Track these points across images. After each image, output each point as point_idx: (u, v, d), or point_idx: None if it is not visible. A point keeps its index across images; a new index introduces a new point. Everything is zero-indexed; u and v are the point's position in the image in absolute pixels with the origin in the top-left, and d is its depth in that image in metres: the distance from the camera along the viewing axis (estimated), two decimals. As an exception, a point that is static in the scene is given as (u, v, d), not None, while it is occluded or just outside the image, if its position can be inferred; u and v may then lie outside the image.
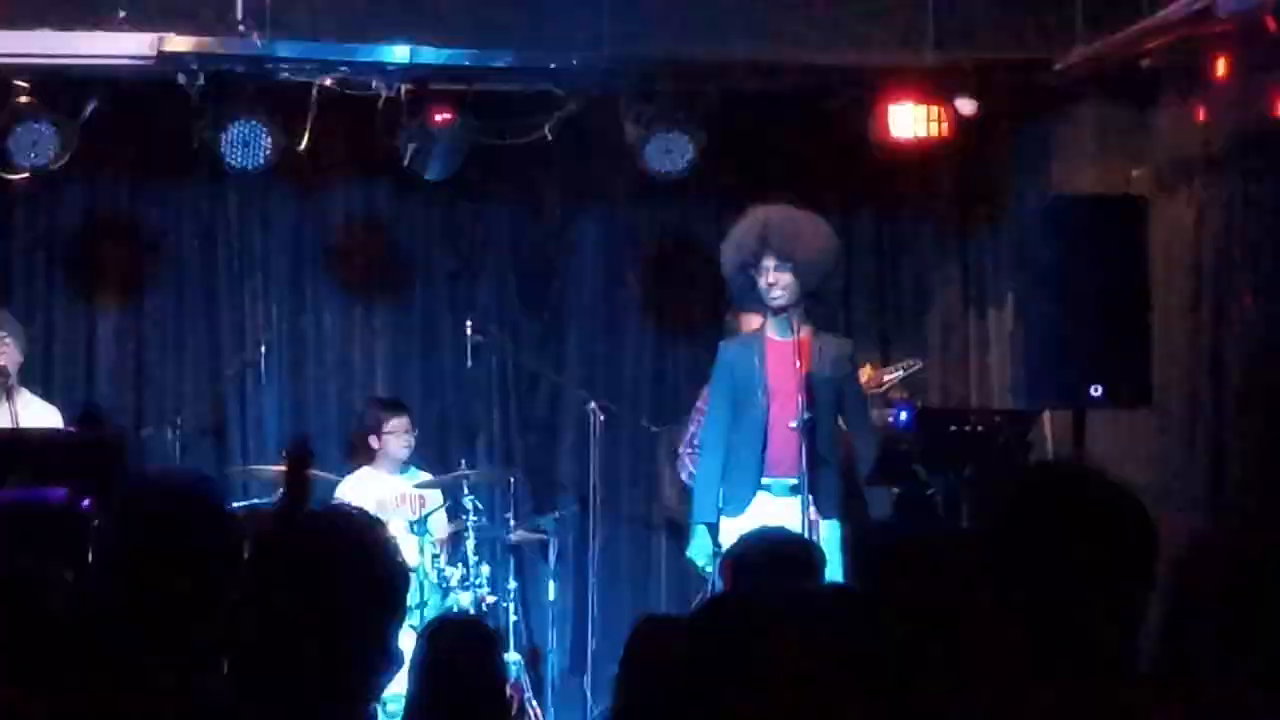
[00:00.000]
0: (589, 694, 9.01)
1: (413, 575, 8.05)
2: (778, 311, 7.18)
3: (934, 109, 8.60)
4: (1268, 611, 2.47)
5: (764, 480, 7.13)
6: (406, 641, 4.83)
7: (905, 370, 8.52)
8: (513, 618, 8.64)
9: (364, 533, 2.71)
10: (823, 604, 1.32)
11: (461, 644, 4.63)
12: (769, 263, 7.13)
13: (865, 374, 8.46)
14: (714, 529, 7.17)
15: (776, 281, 7.13)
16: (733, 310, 8.06)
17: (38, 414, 7.78)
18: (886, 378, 8.35)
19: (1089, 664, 2.43)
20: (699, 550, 7.21)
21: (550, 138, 8.83)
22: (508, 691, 4.91)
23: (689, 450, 8.14)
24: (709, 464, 7.32)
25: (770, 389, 7.17)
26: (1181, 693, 2.44)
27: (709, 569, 7.15)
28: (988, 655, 2.61)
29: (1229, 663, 2.46)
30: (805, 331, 7.18)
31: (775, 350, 7.21)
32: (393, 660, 2.67)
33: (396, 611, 2.72)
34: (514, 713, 5.31)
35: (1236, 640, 2.48)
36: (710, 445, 7.34)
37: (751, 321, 7.67)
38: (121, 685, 2.69)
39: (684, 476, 8.26)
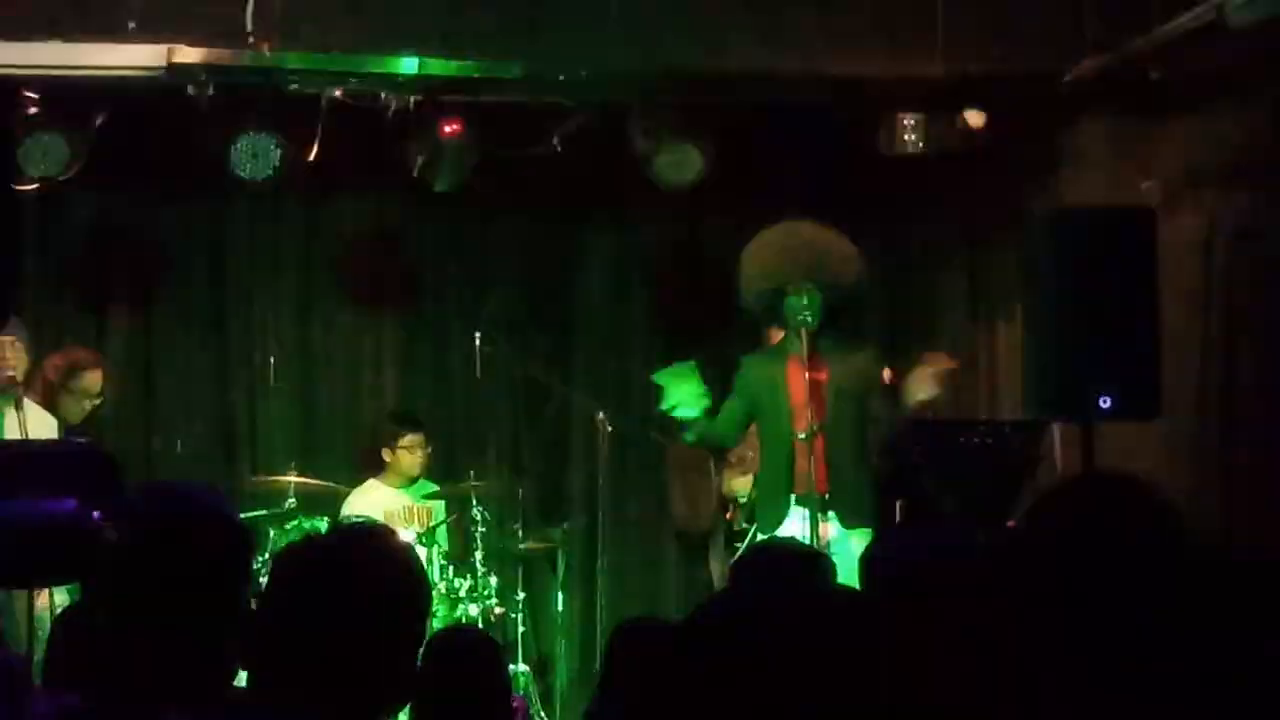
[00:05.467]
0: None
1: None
2: (801, 330, 7.15)
3: (943, 121, 8.60)
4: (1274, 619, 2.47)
5: (797, 496, 7.12)
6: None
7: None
8: (521, 628, 8.63)
9: (395, 555, 2.72)
10: (824, 606, 1.32)
11: (466, 655, 4.63)
12: (801, 286, 7.10)
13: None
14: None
15: (808, 305, 7.10)
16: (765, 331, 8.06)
17: (41, 423, 7.79)
18: None
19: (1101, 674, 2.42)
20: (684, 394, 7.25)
21: (559, 149, 8.84)
22: (512, 704, 4.90)
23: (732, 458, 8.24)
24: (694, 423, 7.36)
25: (794, 406, 7.15)
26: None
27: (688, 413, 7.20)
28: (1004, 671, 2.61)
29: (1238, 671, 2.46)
30: (825, 343, 7.18)
31: (795, 362, 7.20)
32: (412, 682, 2.67)
33: (420, 633, 2.73)
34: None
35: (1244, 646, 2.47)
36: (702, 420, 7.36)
37: (775, 334, 7.66)
38: (133, 697, 2.69)
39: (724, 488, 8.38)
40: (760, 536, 7.14)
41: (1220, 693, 2.44)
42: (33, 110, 8.14)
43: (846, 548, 6.91)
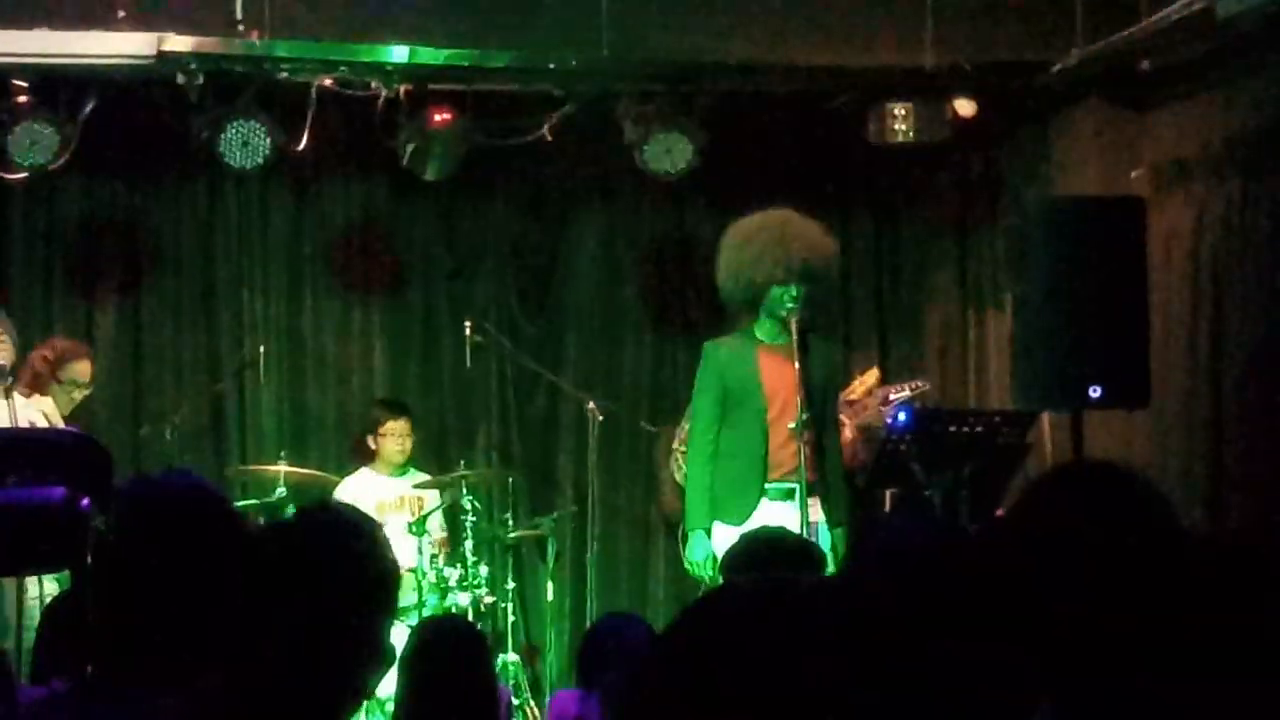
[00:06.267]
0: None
1: (411, 575, 8.05)
2: (784, 319, 7.14)
3: (933, 110, 8.60)
4: (1266, 609, 2.47)
5: (771, 485, 7.09)
6: (400, 639, 4.84)
7: (912, 391, 8.50)
8: (511, 618, 8.64)
9: (355, 530, 2.71)
10: (825, 594, 1.32)
11: (450, 645, 4.63)
12: (792, 279, 7.09)
13: (871, 378, 8.43)
14: (709, 534, 7.13)
15: (796, 296, 7.10)
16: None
17: (32, 414, 7.78)
18: (893, 396, 8.33)
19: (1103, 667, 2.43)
20: (697, 552, 7.15)
21: (549, 138, 8.83)
22: (498, 694, 4.91)
23: (683, 449, 8.11)
24: (699, 468, 7.23)
25: (767, 392, 7.15)
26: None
27: (708, 574, 7.10)
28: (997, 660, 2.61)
29: (1225, 659, 2.46)
30: (798, 330, 7.18)
31: (769, 353, 7.19)
32: (385, 657, 2.67)
33: (388, 608, 2.73)
34: (503, 714, 5.31)
35: (1235, 637, 2.48)
36: (699, 448, 7.24)
37: (745, 319, 7.63)
38: (122, 685, 2.69)
39: (678, 477, 8.23)
40: (731, 529, 7.01)
41: (1210, 678, 2.44)
42: (22, 99, 8.12)
43: (828, 541, 6.94)
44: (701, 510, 7.17)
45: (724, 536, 6.88)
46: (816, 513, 7.09)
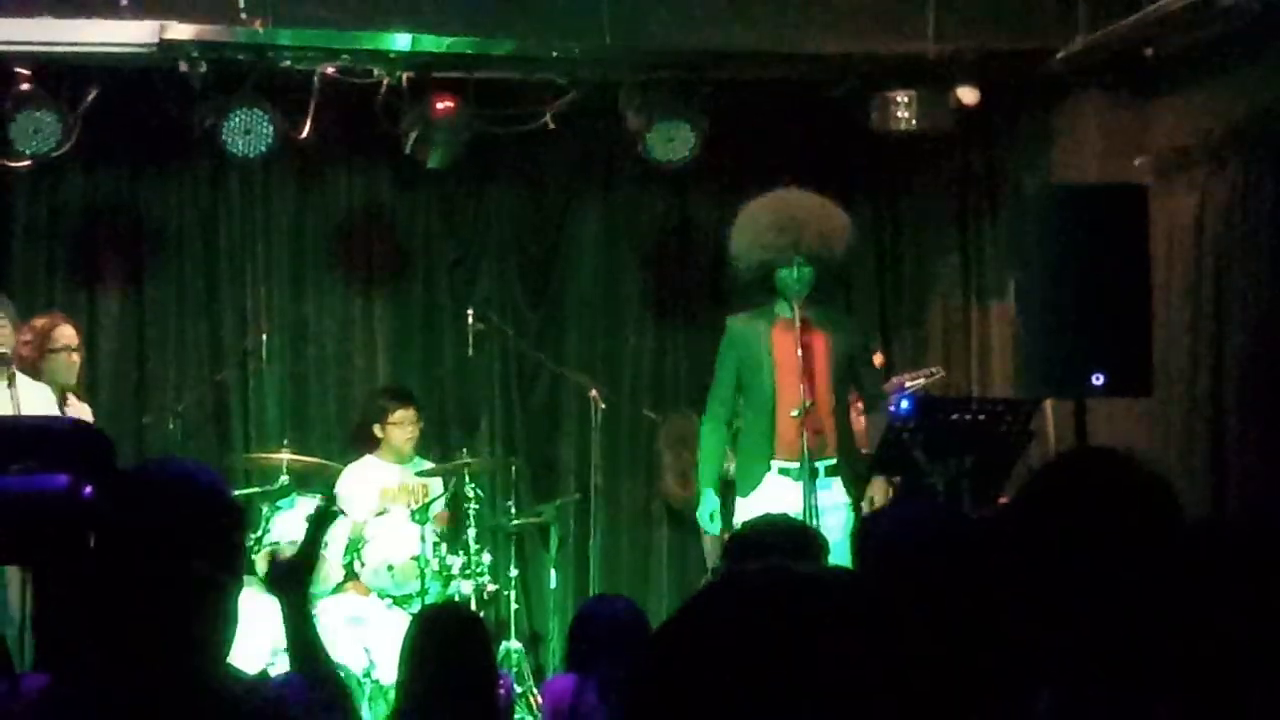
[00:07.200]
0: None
1: (414, 563, 8.05)
2: (794, 301, 7.17)
3: (935, 98, 8.59)
4: (1266, 595, 2.47)
5: (780, 464, 7.13)
6: (403, 626, 4.84)
7: (928, 378, 8.53)
8: (514, 606, 8.64)
9: (178, 479, 2.73)
10: (825, 583, 1.32)
11: (452, 632, 4.64)
12: (797, 259, 7.13)
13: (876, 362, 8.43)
14: (717, 492, 7.27)
15: (799, 277, 7.13)
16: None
17: (34, 397, 7.76)
18: (908, 384, 8.35)
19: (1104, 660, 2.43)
20: (702, 509, 7.29)
21: (551, 126, 8.83)
22: (499, 681, 4.92)
23: None
24: (710, 431, 7.38)
25: (778, 368, 7.18)
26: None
27: (715, 529, 7.29)
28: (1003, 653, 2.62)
29: (1228, 648, 2.46)
30: (811, 311, 7.20)
31: (783, 329, 7.21)
32: (236, 573, 2.71)
33: (237, 518, 2.76)
34: (503, 701, 5.33)
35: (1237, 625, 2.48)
36: (712, 413, 7.40)
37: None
38: (125, 673, 2.69)
39: None
40: (740, 501, 7.16)
41: (1211, 665, 2.45)
42: (25, 87, 8.12)
43: (843, 521, 6.98)
44: (707, 469, 7.35)
45: (737, 508, 7.16)
46: (840, 494, 7.13)
